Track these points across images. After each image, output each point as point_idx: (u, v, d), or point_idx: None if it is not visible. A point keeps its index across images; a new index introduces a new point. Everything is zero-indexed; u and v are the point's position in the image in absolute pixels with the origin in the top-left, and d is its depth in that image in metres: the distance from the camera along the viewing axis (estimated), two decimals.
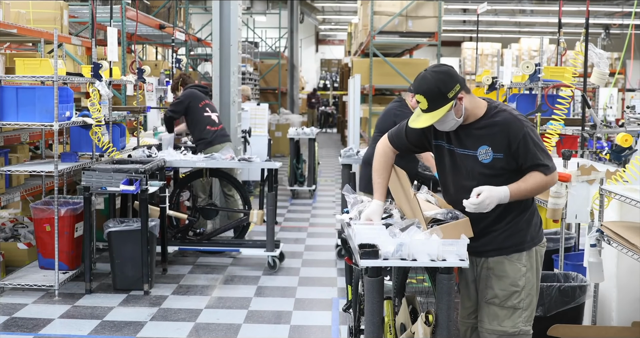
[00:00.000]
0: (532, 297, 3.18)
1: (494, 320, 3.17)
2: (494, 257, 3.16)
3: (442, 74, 3.04)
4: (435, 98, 3.01)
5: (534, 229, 3.19)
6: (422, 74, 3.10)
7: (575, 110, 9.36)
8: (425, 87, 3.03)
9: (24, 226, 6.45)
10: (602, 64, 5.45)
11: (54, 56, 5.44)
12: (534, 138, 3.04)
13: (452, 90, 3.01)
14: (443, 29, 12.05)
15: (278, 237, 7.40)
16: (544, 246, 3.26)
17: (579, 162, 4.58)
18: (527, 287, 3.15)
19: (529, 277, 3.15)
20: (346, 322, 4.83)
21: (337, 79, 28.20)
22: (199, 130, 7.23)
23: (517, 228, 3.15)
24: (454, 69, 3.13)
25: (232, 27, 7.89)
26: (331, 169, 14.64)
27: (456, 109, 3.05)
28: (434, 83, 3.01)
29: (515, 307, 3.14)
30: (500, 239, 3.14)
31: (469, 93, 3.10)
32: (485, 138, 3.07)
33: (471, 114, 3.10)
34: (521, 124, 3.03)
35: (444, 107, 3.01)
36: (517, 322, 3.15)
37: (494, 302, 3.17)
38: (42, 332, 4.78)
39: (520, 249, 3.15)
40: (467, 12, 23.41)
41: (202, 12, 18.78)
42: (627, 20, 20.37)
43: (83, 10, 9.56)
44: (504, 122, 3.04)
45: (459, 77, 3.07)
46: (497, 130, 3.04)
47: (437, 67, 3.13)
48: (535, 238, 3.19)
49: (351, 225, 3.37)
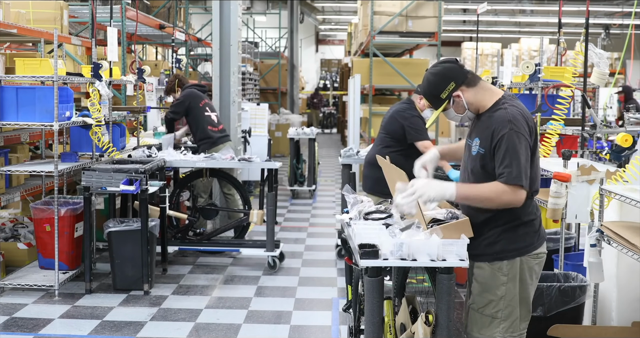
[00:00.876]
0: (513, 308, 3.06)
1: (474, 326, 3.13)
2: (477, 262, 3.11)
3: (435, 76, 3.10)
4: (431, 99, 3.13)
5: (522, 239, 3.06)
6: (424, 75, 3.17)
7: (575, 110, 9.37)
8: (423, 90, 3.16)
9: (24, 226, 6.45)
10: (602, 64, 5.45)
11: (54, 56, 5.44)
12: (514, 143, 2.91)
13: (445, 90, 3.06)
14: (443, 29, 12.04)
15: (278, 237, 7.41)
16: (537, 257, 3.10)
17: (579, 162, 4.58)
18: (507, 298, 3.05)
19: (509, 288, 3.05)
20: (346, 322, 4.83)
21: (337, 79, 28.16)
22: (201, 131, 7.23)
23: (500, 237, 3.05)
24: (453, 65, 3.12)
25: (232, 27, 7.89)
26: (331, 169, 14.64)
27: (455, 106, 3.09)
28: (427, 86, 3.12)
29: (493, 316, 3.06)
30: (483, 245, 3.07)
31: (474, 86, 3.08)
32: (480, 130, 3.06)
33: (479, 106, 3.09)
34: (508, 125, 2.93)
35: (442, 106, 3.11)
36: (494, 332, 3.06)
37: (473, 307, 3.13)
38: (42, 332, 4.78)
39: (501, 258, 3.05)
40: (467, 12, 23.41)
41: (202, 12, 18.78)
42: (627, 20, 20.37)
43: (83, 10, 9.56)
44: (496, 119, 2.99)
45: (458, 75, 3.06)
46: (488, 124, 3.02)
47: (435, 66, 3.15)
48: (522, 249, 3.06)
49: (351, 225, 3.38)
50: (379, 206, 3.60)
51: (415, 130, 5.43)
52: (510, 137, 2.92)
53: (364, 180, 5.80)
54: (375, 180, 5.52)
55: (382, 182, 5.42)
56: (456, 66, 3.10)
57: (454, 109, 3.10)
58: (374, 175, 5.53)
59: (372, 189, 5.55)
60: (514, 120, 2.95)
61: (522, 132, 2.94)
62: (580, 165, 4.30)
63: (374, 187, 5.56)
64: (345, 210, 3.65)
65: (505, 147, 2.92)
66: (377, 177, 5.51)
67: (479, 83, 3.10)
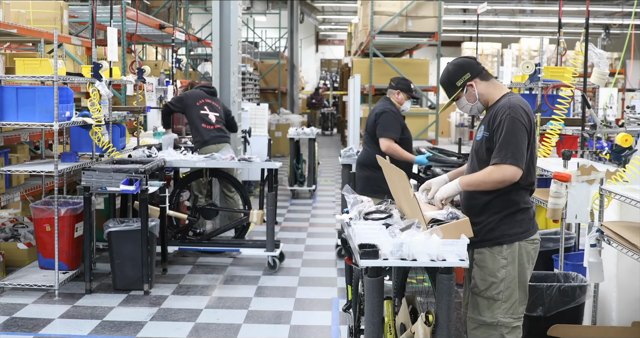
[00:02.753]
0: (512, 290, 3.27)
1: (475, 309, 3.32)
2: (477, 248, 3.30)
3: (454, 66, 3.42)
4: (448, 86, 3.43)
5: (519, 225, 3.29)
6: (445, 66, 3.53)
7: (575, 110, 9.36)
8: (442, 78, 3.47)
9: (24, 226, 6.45)
10: (602, 64, 5.46)
11: (54, 56, 5.44)
12: (512, 124, 3.18)
13: (461, 79, 3.37)
14: (443, 29, 12.04)
15: (278, 237, 7.41)
16: (533, 243, 3.33)
17: (579, 162, 4.58)
18: (507, 280, 3.26)
19: (509, 270, 3.27)
20: (346, 322, 4.83)
21: (337, 79, 28.09)
22: (195, 129, 7.22)
23: (499, 222, 3.28)
24: (471, 60, 3.46)
25: (232, 27, 7.89)
26: (331, 169, 14.64)
27: (468, 95, 3.39)
28: (446, 74, 3.43)
29: (494, 298, 3.26)
30: (484, 232, 3.28)
31: (487, 80, 3.39)
32: (486, 118, 3.37)
33: (488, 99, 3.39)
34: (507, 110, 3.22)
35: (456, 93, 3.40)
36: (496, 313, 3.27)
37: (475, 291, 3.32)
38: (42, 332, 4.78)
39: (500, 242, 3.27)
40: (467, 12, 23.41)
41: (202, 12, 18.78)
42: (627, 20, 20.37)
43: (83, 10, 9.56)
44: (500, 105, 3.29)
45: (474, 68, 3.38)
46: (492, 112, 3.32)
47: (455, 59, 3.51)
48: (520, 234, 3.29)
49: (351, 225, 3.38)
50: (378, 206, 3.60)
51: (381, 125, 5.55)
52: (508, 121, 3.20)
53: (357, 181, 5.89)
54: (365, 180, 5.69)
55: (372, 181, 5.64)
56: (473, 61, 3.45)
57: (465, 98, 3.40)
58: (364, 175, 5.74)
59: (364, 190, 5.55)
60: (514, 107, 3.24)
61: (519, 118, 3.21)
62: (580, 165, 4.30)
63: (365, 187, 5.65)
64: (345, 210, 3.65)
65: (502, 129, 3.20)
66: (367, 176, 5.70)
67: (491, 79, 3.43)
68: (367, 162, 5.63)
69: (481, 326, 3.30)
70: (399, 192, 3.50)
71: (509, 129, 3.18)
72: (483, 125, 3.34)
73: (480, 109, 3.42)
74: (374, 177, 5.54)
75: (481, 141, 3.32)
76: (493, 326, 3.27)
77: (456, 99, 3.43)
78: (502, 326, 3.26)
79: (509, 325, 3.27)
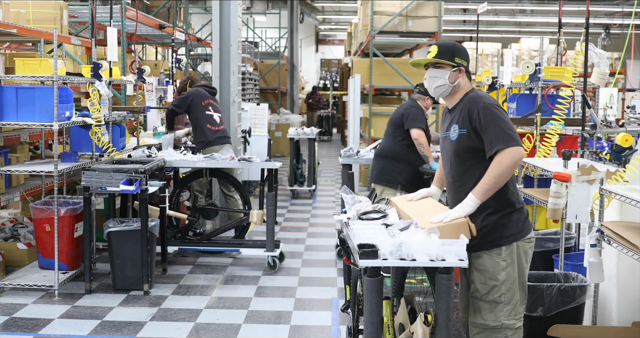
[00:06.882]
0: (514, 292, 3.26)
1: (477, 314, 3.29)
2: (475, 251, 3.26)
3: (462, 48, 3.43)
4: (445, 51, 3.36)
5: (515, 225, 3.28)
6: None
7: (576, 110, 9.35)
8: (444, 45, 3.41)
9: (24, 226, 6.45)
10: (602, 64, 5.45)
11: (53, 56, 5.44)
12: (493, 111, 3.19)
13: (462, 59, 3.36)
14: (443, 29, 12.01)
15: (278, 237, 7.40)
16: (529, 242, 3.33)
17: (579, 162, 4.57)
18: (508, 282, 3.25)
19: (509, 272, 3.25)
20: (346, 322, 4.83)
21: (337, 79, 28.03)
22: (200, 129, 7.21)
23: (496, 224, 3.25)
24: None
25: (232, 27, 7.89)
26: (331, 169, 14.64)
27: (452, 74, 3.35)
28: (452, 46, 3.41)
29: (496, 300, 3.24)
30: (480, 235, 3.23)
31: (469, 79, 3.41)
32: (456, 117, 3.35)
33: (458, 91, 3.38)
34: (481, 100, 3.24)
35: (446, 62, 3.34)
36: (499, 316, 3.24)
37: (476, 295, 3.29)
38: (42, 332, 4.78)
39: (499, 244, 3.25)
40: (467, 12, 23.40)
41: (202, 12, 18.77)
42: (627, 20, 20.36)
43: (83, 10, 9.56)
44: (467, 101, 3.31)
45: (469, 62, 3.40)
46: (462, 108, 3.31)
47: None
48: (517, 234, 3.27)
49: (349, 225, 3.37)
50: (375, 206, 3.60)
51: (412, 117, 5.93)
52: (487, 110, 3.21)
53: (372, 170, 6.29)
54: (380, 170, 6.06)
55: (387, 171, 5.98)
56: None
57: (448, 78, 3.33)
58: (380, 165, 6.09)
59: (377, 178, 6.05)
60: (485, 96, 3.30)
61: (495, 104, 3.24)
62: (580, 165, 4.29)
63: (378, 176, 6.06)
64: (343, 210, 3.65)
65: (485, 119, 3.19)
66: (382, 166, 6.08)
67: (471, 81, 3.47)
68: (385, 153, 6.05)
69: (485, 330, 3.27)
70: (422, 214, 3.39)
71: (493, 116, 3.18)
72: (455, 124, 3.31)
73: (443, 94, 3.39)
74: (389, 168, 5.95)
75: (458, 140, 3.29)
76: (497, 329, 3.25)
77: (438, 66, 3.36)
78: (506, 328, 3.25)
79: (512, 327, 3.26)
